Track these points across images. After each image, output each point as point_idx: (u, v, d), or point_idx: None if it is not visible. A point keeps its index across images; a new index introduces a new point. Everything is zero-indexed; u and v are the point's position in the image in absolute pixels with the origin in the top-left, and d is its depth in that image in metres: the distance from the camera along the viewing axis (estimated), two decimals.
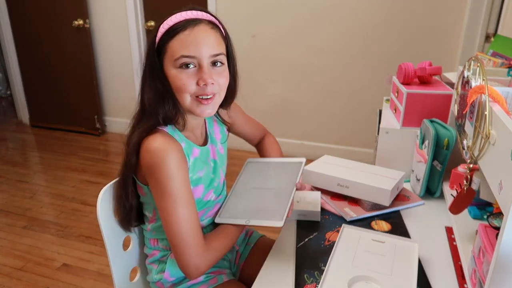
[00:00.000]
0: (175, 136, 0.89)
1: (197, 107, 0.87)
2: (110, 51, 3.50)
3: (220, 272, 1.02)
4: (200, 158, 0.95)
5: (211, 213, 1.01)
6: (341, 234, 0.94)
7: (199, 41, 0.82)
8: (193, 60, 0.83)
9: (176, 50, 0.83)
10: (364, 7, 2.71)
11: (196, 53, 0.82)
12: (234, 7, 2.96)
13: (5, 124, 3.99)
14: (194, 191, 0.92)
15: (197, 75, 0.84)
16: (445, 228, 1.02)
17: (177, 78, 0.84)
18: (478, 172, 0.95)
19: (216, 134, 1.05)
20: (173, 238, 0.84)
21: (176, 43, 0.83)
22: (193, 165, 0.91)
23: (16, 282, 1.86)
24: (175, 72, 0.84)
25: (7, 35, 3.66)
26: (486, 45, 2.51)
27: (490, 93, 0.73)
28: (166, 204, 0.84)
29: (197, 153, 0.94)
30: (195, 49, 0.82)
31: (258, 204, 0.94)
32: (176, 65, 0.83)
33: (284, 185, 0.94)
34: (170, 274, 0.98)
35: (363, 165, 1.20)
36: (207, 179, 0.97)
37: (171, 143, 0.85)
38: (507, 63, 1.32)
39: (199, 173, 0.94)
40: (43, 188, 2.75)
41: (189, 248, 0.84)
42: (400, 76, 1.33)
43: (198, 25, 0.83)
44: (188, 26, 0.82)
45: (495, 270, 0.62)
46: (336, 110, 3.03)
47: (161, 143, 0.84)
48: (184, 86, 0.84)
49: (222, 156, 1.05)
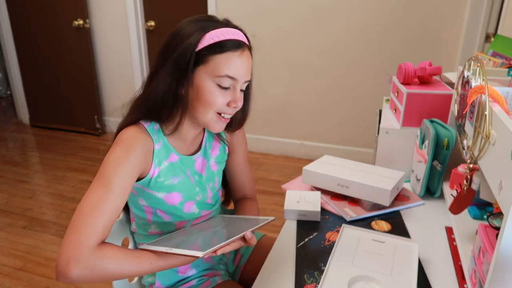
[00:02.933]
0: (153, 135, 0.87)
1: (215, 123, 0.88)
2: (110, 51, 3.50)
3: (214, 274, 1.02)
4: (177, 165, 0.92)
5: (201, 217, 1.00)
6: (341, 234, 0.94)
7: (244, 67, 0.85)
8: (233, 82, 0.84)
9: (221, 67, 0.82)
10: (364, 8, 2.71)
11: (239, 77, 0.84)
12: (234, 7, 2.97)
13: (5, 124, 3.99)
14: (168, 198, 0.91)
15: (229, 95, 0.85)
16: (445, 228, 1.02)
17: (211, 93, 0.84)
18: (478, 172, 0.95)
19: (213, 149, 1.01)
20: (74, 214, 0.74)
21: (224, 61, 0.82)
22: (166, 169, 0.89)
23: (16, 282, 1.86)
24: (211, 86, 0.83)
25: (7, 35, 3.66)
26: (486, 45, 2.51)
27: (490, 93, 0.73)
28: (95, 179, 0.78)
29: (176, 159, 0.92)
30: (239, 73, 0.84)
31: (191, 239, 0.86)
32: (216, 80, 0.83)
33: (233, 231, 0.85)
34: (161, 282, 0.97)
35: (363, 165, 1.20)
36: (186, 189, 0.94)
37: (143, 139, 0.85)
38: (507, 63, 1.32)
39: (173, 179, 0.91)
40: (43, 188, 2.75)
41: (76, 234, 0.70)
42: (400, 76, 1.33)
43: (245, 50, 0.85)
44: (238, 48, 0.83)
45: (495, 270, 0.62)
46: (336, 110, 3.03)
47: (130, 135, 0.84)
48: (215, 103, 0.84)
49: (213, 173, 1.01)
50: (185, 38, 0.82)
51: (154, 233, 0.97)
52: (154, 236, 0.96)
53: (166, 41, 0.85)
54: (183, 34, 0.82)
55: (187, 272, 0.99)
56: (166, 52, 0.84)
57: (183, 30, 0.83)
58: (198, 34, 0.81)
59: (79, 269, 0.68)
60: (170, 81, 0.83)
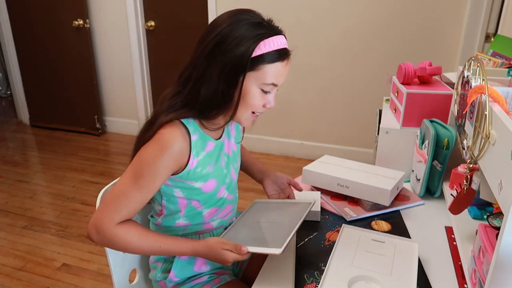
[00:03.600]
0: (189, 127, 0.88)
1: (247, 120, 0.92)
2: (110, 51, 3.50)
3: (224, 273, 1.03)
4: (213, 152, 0.95)
5: (222, 214, 1.01)
6: (341, 234, 0.94)
7: (286, 74, 0.89)
8: (274, 88, 0.88)
9: (270, 76, 0.85)
10: (364, 8, 2.71)
11: (280, 83, 0.88)
12: (233, 7, 2.95)
13: (5, 124, 3.99)
14: (205, 186, 0.93)
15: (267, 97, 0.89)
16: (445, 228, 1.02)
17: (256, 98, 0.87)
18: (478, 172, 0.95)
19: (231, 130, 1.04)
20: (108, 193, 0.87)
21: (273, 70, 0.85)
22: (203, 160, 0.91)
23: (16, 282, 1.86)
24: (256, 91, 0.87)
25: (7, 35, 3.66)
26: (486, 45, 2.51)
27: (490, 93, 0.73)
28: (128, 170, 0.87)
29: (212, 146, 0.94)
30: (282, 81, 0.88)
31: (258, 234, 0.93)
32: (262, 87, 0.86)
33: (288, 220, 0.92)
34: (176, 274, 0.98)
35: (363, 165, 1.20)
36: (219, 174, 0.96)
37: (179, 137, 0.86)
38: (507, 63, 1.32)
39: (209, 167, 0.93)
40: (43, 188, 2.75)
41: (103, 211, 0.86)
42: (400, 76, 1.33)
43: (289, 59, 0.88)
44: (285, 58, 0.86)
45: (495, 270, 0.62)
46: (336, 110, 3.03)
47: (172, 132, 0.85)
48: (256, 106, 0.89)
49: (235, 153, 1.04)
50: (239, 43, 0.81)
51: (181, 224, 0.98)
52: (179, 228, 0.98)
53: (213, 40, 0.83)
54: (236, 38, 0.81)
55: (202, 268, 1.00)
56: (215, 52, 0.83)
57: (235, 32, 0.82)
58: (253, 42, 0.82)
59: (100, 237, 0.85)
60: (220, 83, 0.84)
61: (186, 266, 0.99)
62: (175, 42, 3.32)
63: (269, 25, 0.86)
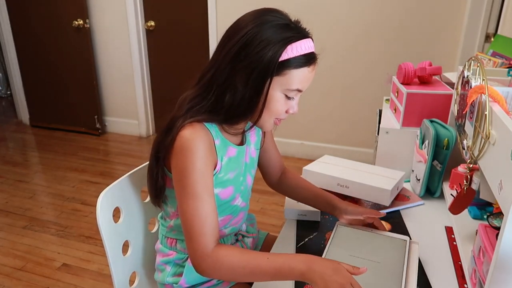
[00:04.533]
0: (212, 131, 0.85)
1: (270, 126, 0.88)
2: (110, 51, 3.50)
3: None
4: (235, 158, 0.91)
5: (235, 221, 0.99)
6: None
7: (310, 81, 0.85)
8: (298, 93, 0.85)
9: (295, 82, 0.81)
10: (364, 7, 2.71)
11: (304, 89, 0.85)
12: (233, 7, 2.97)
13: (5, 124, 3.99)
14: (223, 193, 0.90)
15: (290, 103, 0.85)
16: (445, 228, 1.02)
17: (279, 103, 0.83)
18: (478, 172, 0.95)
19: (252, 136, 1.00)
20: (183, 226, 0.82)
21: (298, 76, 0.81)
22: (226, 165, 0.88)
23: (16, 282, 1.86)
24: (280, 97, 0.83)
25: (7, 35, 3.66)
26: (486, 45, 2.51)
27: (490, 93, 0.73)
28: (179, 191, 0.82)
29: (234, 152, 0.91)
30: (306, 86, 0.84)
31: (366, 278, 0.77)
32: (286, 92, 0.83)
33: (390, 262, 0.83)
34: (186, 281, 0.96)
35: (363, 165, 1.20)
36: (237, 181, 0.93)
37: (203, 136, 0.82)
38: (507, 63, 1.32)
39: (230, 174, 0.90)
40: (43, 188, 2.75)
41: (192, 241, 0.80)
42: (400, 76, 1.33)
43: (315, 64, 0.84)
44: (312, 63, 0.82)
45: (495, 270, 0.62)
46: (336, 110, 3.03)
47: (194, 132, 0.81)
48: (279, 112, 0.85)
49: (253, 160, 1.01)
50: (266, 47, 0.77)
51: None
52: None
53: (238, 42, 0.79)
54: (263, 40, 0.77)
55: None
56: (241, 56, 0.78)
57: (262, 35, 0.77)
58: (280, 45, 0.77)
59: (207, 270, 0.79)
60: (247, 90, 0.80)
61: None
62: (175, 42, 3.32)
63: (297, 27, 0.81)
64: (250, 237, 1.06)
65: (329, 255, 0.85)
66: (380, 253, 0.86)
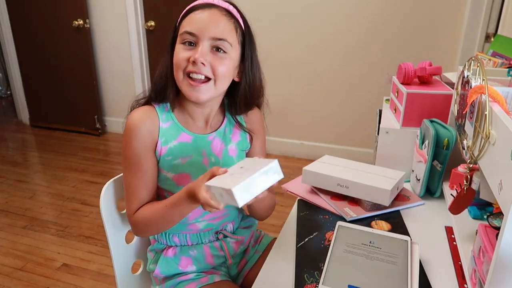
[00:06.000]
0: (161, 115, 0.92)
1: (187, 87, 0.87)
2: (110, 51, 3.50)
3: (213, 272, 1.02)
4: (190, 145, 0.94)
5: (209, 216, 0.99)
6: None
7: (205, 21, 0.84)
8: (194, 38, 0.84)
9: (183, 26, 0.86)
10: (364, 7, 2.71)
11: (198, 31, 0.84)
12: None
13: (5, 124, 3.99)
14: (177, 178, 0.93)
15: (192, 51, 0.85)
16: (445, 228, 1.02)
17: (176, 53, 0.86)
18: (478, 172, 0.95)
19: (234, 135, 1.01)
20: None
21: (186, 21, 0.86)
22: (175, 148, 0.92)
23: (16, 282, 1.86)
24: (177, 48, 0.87)
25: (7, 35, 3.66)
26: (486, 45, 2.51)
27: (490, 93, 0.73)
28: (122, 163, 0.93)
29: (188, 138, 0.94)
30: (198, 28, 0.84)
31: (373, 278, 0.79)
32: (180, 40, 0.86)
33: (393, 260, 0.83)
34: (161, 271, 0.99)
35: (363, 165, 1.20)
36: (195, 171, 0.94)
37: (145, 118, 0.90)
38: (507, 63, 1.32)
39: (181, 159, 0.93)
40: (43, 188, 2.75)
41: (126, 208, 0.94)
42: (400, 76, 1.33)
43: (211, 8, 0.86)
44: (201, 8, 0.86)
45: (495, 270, 0.62)
46: (336, 110, 3.03)
47: (135, 117, 0.90)
48: (178, 60, 0.85)
49: (231, 158, 1.00)
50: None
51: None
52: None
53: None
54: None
55: (188, 268, 1.00)
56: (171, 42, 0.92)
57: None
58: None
59: (134, 230, 0.95)
60: (165, 59, 0.90)
61: (171, 263, 0.99)
62: None
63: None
64: (234, 239, 1.05)
65: (333, 255, 0.85)
66: (383, 254, 0.86)
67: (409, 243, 0.88)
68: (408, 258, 0.84)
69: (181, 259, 0.99)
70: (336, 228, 0.95)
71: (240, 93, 0.95)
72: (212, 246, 1.02)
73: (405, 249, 0.87)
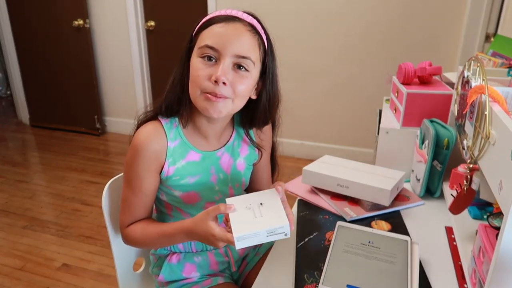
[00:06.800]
0: (169, 133, 0.87)
1: (204, 102, 0.80)
2: (110, 51, 3.50)
3: (216, 275, 1.02)
4: (198, 163, 0.91)
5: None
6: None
7: (229, 36, 0.78)
8: (215, 53, 0.78)
9: (203, 39, 0.79)
10: (365, 8, 2.71)
11: (220, 47, 0.77)
12: (233, 7, 2.96)
13: (5, 124, 3.99)
14: (185, 197, 0.91)
15: (212, 68, 0.78)
16: (445, 228, 1.02)
17: (194, 68, 0.79)
18: (478, 172, 0.95)
19: (242, 148, 0.99)
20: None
21: (207, 33, 0.79)
22: (182, 168, 0.89)
23: (16, 282, 1.86)
24: (195, 62, 0.80)
25: (7, 35, 3.66)
26: (486, 45, 2.51)
27: (490, 93, 0.73)
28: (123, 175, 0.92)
29: (197, 157, 0.90)
30: (220, 42, 0.77)
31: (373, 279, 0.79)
32: (199, 54, 0.79)
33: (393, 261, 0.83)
34: (164, 277, 0.98)
35: (363, 165, 1.20)
36: (205, 189, 0.93)
37: (153, 138, 0.85)
38: (507, 63, 1.32)
39: (189, 178, 0.90)
40: (43, 188, 2.75)
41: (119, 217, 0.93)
42: (400, 76, 1.33)
43: (234, 22, 0.80)
44: (223, 21, 0.79)
45: (495, 270, 0.62)
46: (336, 110, 3.03)
47: (143, 136, 0.85)
48: (197, 78, 0.78)
49: (239, 173, 0.97)
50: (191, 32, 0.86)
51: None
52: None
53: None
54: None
55: (191, 274, 0.99)
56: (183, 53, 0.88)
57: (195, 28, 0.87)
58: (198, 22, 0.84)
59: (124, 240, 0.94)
60: (177, 70, 0.85)
61: (174, 270, 0.98)
62: (175, 42, 3.31)
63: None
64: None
65: (333, 255, 0.85)
66: (383, 254, 0.86)
67: (409, 243, 0.88)
68: (408, 258, 0.84)
69: (185, 265, 0.99)
70: (336, 228, 0.95)
71: (260, 110, 0.92)
72: (216, 252, 1.01)
73: (405, 249, 0.87)
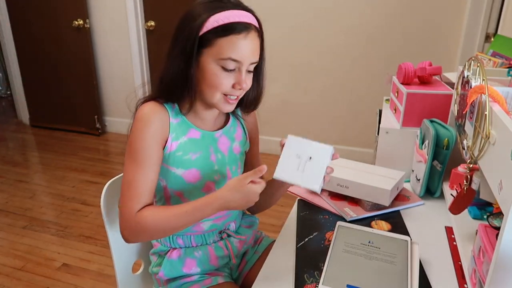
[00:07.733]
0: (171, 112, 0.91)
1: (223, 104, 0.90)
2: (110, 51, 3.50)
3: (217, 274, 1.02)
4: (199, 141, 0.95)
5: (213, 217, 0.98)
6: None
7: (249, 49, 0.85)
8: (237, 65, 0.85)
9: (225, 50, 0.83)
10: (365, 8, 2.71)
11: (243, 60, 0.84)
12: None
13: (5, 124, 3.99)
14: (186, 175, 0.93)
15: (234, 77, 0.86)
16: (445, 228, 1.02)
17: (215, 76, 0.85)
18: (478, 172, 0.95)
19: (237, 133, 1.03)
20: (121, 188, 0.89)
21: (228, 43, 0.83)
22: (185, 144, 0.92)
23: (16, 282, 1.86)
24: (215, 69, 0.85)
25: (7, 35, 3.66)
26: (486, 45, 2.51)
27: (490, 93, 0.73)
28: (126, 155, 0.89)
29: (197, 135, 0.94)
30: (243, 56, 0.84)
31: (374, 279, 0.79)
32: (220, 63, 0.84)
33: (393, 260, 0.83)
34: (164, 273, 0.99)
35: (363, 165, 1.20)
36: (206, 167, 0.95)
37: (158, 112, 0.89)
38: (507, 63, 1.32)
39: (191, 155, 0.93)
40: (43, 188, 2.75)
41: (122, 204, 0.88)
42: (400, 76, 1.33)
43: (251, 32, 0.85)
44: (243, 31, 0.83)
45: (495, 270, 0.62)
46: (336, 110, 3.03)
47: (147, 109, 0.88)
48: (220, 85, 0.86)
49: (235, 156, 1.02)
50: (192, 20, 0.84)
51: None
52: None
53: (178, 21, 0.87)
54: (192, 15, 0.84)
55: (192, 270, 0.99)
56: (177, 32, 0.87)
57: (193, 11, 0.85)
58: (204, 16, 0.82)
59: (129, 233, 0.87)
60: (179, 62, 0.85)
61: (175, 266, 0.99)
62: None
63: (229, 2, 0.85)
64: (238, 239, 1.05)
65: (333, 255, 0.85)
66: (383, 254, 0.86)
67: (409, 243, 0.88)
68: (408, 258, 0.84)
69: (186, 261, 0.99)
70: (336, 228, 0.95)
71: (250, 97, 0.97)
72: (216, 246, 1.02)
73: (405, 249, 0.87)
